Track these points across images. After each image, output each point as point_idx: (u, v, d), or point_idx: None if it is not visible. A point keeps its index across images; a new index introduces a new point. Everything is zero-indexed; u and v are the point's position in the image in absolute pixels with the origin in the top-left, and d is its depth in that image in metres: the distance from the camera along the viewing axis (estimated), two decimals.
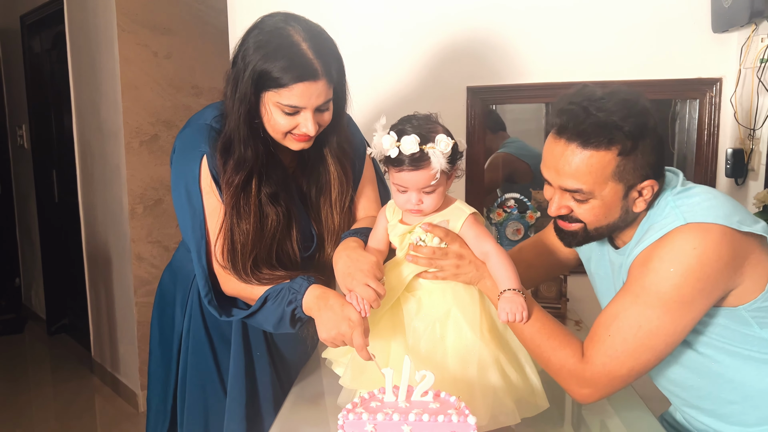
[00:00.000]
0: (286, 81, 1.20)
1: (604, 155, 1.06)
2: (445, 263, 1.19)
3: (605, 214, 1.12)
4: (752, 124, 1.95)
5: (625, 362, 1.08)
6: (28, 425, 3.16)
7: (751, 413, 1.15)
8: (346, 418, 0.95)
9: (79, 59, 3.40)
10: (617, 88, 1.10)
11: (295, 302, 1.25)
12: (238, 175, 1.28)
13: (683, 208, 1.08)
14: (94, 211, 3.49)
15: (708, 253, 1.03)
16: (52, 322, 4.28)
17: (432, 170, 1.14)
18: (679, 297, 1.05)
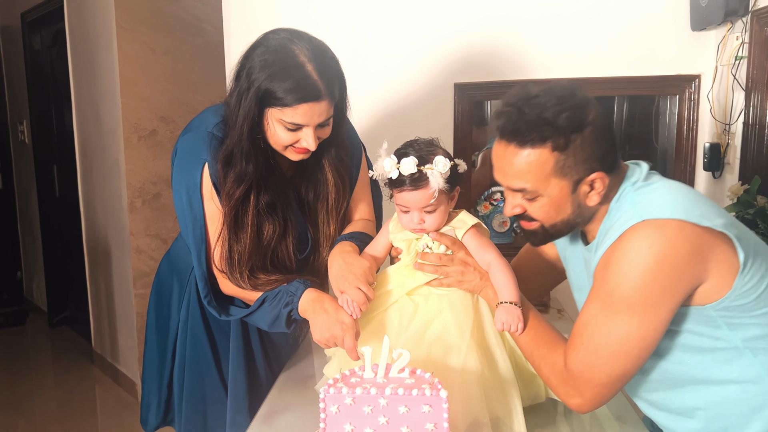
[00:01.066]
0: (290, 101, 1.24)
1: (541, 153, 1.06)
2: (450, 270, 1.23)
3: (556, 211, 1.11)
4: (728, 120, 2.02)
5: (602, 369, 1.08)
6: (30, 415, 3.23)
7: (714, 422, 1.13)
8: (327, 392, 1.02)
9: (78, 56, 3.46)
10: (555, 84, 1.08)
11: (292, 304, 1.31)
12: (239, 188, 1.31)
13: (640, 205, 1.06)
14: (93, 206, 3.56)
15: (665, 249, 1.00)
16: (53, 315, 4.35)
17: (430, 189, 1.19)
18: (642, 299, 1.02)
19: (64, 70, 3.60)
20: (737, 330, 1.07)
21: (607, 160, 1.09)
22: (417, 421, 1.01)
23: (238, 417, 1.48)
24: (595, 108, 1.07)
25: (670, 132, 2.26)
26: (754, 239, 1.10)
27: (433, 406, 1.00)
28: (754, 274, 1.05)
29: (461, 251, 1.24)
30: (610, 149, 1.09)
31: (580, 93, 1.07)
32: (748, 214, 1.78)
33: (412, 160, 1.19)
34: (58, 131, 4.03)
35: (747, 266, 1.04)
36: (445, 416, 1.00)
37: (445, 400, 1.00)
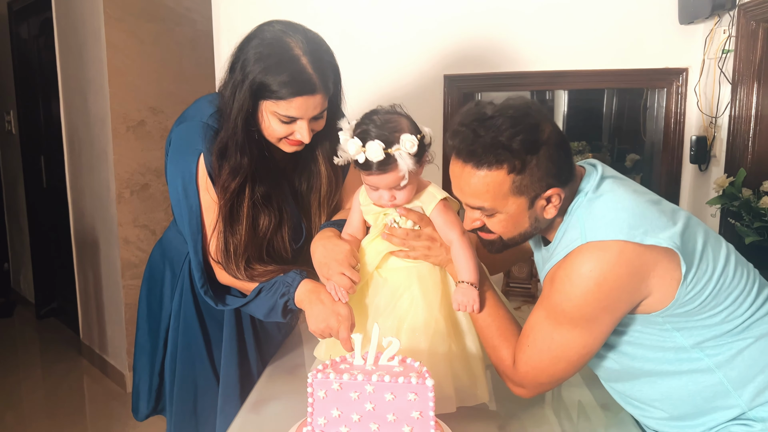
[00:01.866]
0: (285, 95, 1.24)
1: (497, 174, 1.07)
2: (417, 244, 1.25)
3: (514, 225, 1.14)
4: (714, 113, 2.04)
5: (544, 370, 1.14)
6: (18, 406, 3.22)
7: (672, 410, 1.17)
8: (315, 377, 1.03)
9: (66, 46, 3.43)
10: (507, 104, 1.09)
11: (288, 295, 1.32)
12: (234, 181, 1.32)
13: (588, 223, 1.08)
14: (81, 196, 3.54)
15: (604, 273, 1.03)
16: (41, 306, 4.33)
17: (400, 172, 1.18)
18: (582, 316, 1.07)
19: (51, 59, 3.57)
20: (684, 332, 1.11)
21: (563, 175, 1.10)
22: (403, 408, 1.02)
23: (227, 406, 1.48)
24: (549, 126, 1.08)
25: (657, 125, 2.28)
26: (703, 241, 1.11)
27: (418, 395, 1.01)
28: (696, 282, 1.07)
29: (428, 227, 1.25)
30: (565, 164, 1.10)
31: (534, 113, 1.08)
32: (734, 206, 1.80)
33: (378, 145, 1.15)
34: (45, 121, 4.00)
35: (689, 277, 1.06)
36: (430, 405, 1.01)
37: (431, 389, 1.01)
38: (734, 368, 1.11)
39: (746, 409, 1.12)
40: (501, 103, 1.10)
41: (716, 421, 1.14)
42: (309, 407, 1.04)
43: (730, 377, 1.11)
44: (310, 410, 1.05)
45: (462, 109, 1.12)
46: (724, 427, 1.14)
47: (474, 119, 1.08)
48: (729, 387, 1.12)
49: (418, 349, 1.19)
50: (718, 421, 1.14)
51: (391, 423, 1.03)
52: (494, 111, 1.08)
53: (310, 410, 1.05)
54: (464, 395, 1.22)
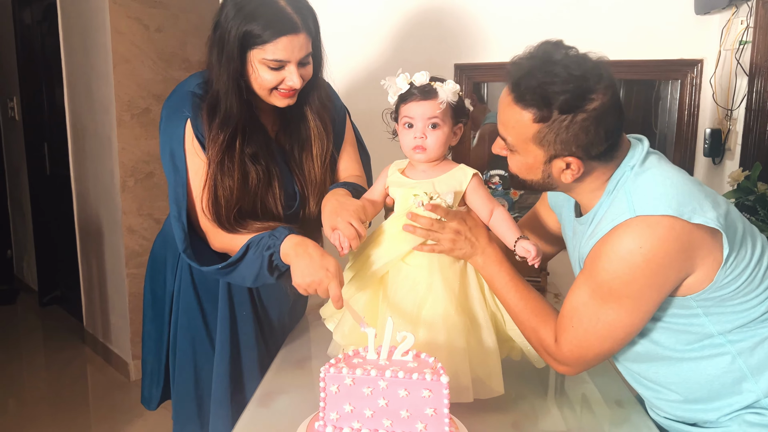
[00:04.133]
0: (269, 36, 1.27)
1: (528, 117, 1.07)
2: (441, 236, 1.22)
3: (526, 171, 1.15)
4: (730, 105, 2.01)
5: (589, 349, 1.13)
6: (20, 394, 3.22)
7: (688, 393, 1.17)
8: (327, 371, 1.01)
9: (70, 32, 3.40)
10: (579, 58, 1.07)
11: (273, 248, 1.29)
12: (223, 132, 1.34)
13: (635, 196, 1.07)
14: (85, 184, 3.52)
15: (654, 250, 1.03)
16: (44, 294, 4.32)
17: (438, 101, 1.21)
18: (629, 293, 1.06)
19: (55, 45, 3.53)
20: (713, 317, 1.11)
21: (591, 150, 1.09)
22: (417, 405, 1.00)
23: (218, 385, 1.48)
24: (603, 99, 1.05)
25: (670, 117, 2.25)
26: (742, 227, 1.12)
27: (433, 391, 0.99)
28: (735, 267, 1.08)
29: (454, 221, 1.23)
30: (599, 141, 1.08)
31: (593, 79, 1.05)
32: (749, 201, 1.77)
33: (426, 74, 1.24)
34: (48, 108, 3.97)
35: (730, 260, 1.07)
36: (445, 402, 0.99)
37: (446, 386, 0.99)
38: (755, 355, 1.12)
39: (761, 396, 1.12)
40: (577, 53, 1.08)
41: (731, 407, 1.15)
42: (321, 402, 1.02)
43: (750, 364, 1.12)
44: (322, 405, 1.02)
45: (541, 41, 1.11)
46: (737, 415, 1.15)
47: (539, 58, 1.07)
48: (747, 373, 1.12)
49: (435, 342, 1.17)
50: (733, 408, 1.14)
51: (405, 419, 1.00)
52: (562, 58, 1.06)
53: (322, 405, 1.02)
54: (480, 388, 1.21)
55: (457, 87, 1.24)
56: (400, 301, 1.23)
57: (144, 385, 1.65)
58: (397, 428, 1.01)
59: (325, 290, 1.22)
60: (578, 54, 1.08)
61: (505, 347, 1.29)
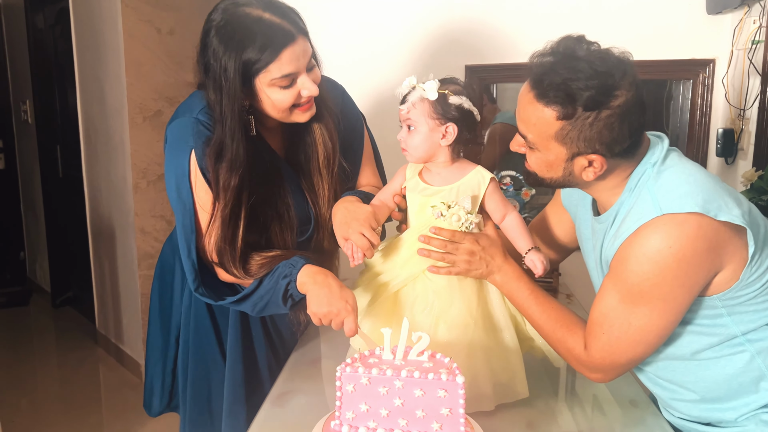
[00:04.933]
0: (270, 56, 1.20)
1: (550, 114, 1.05)
2: (456, 258, 1.22)
3: (547, 169, 1.13)
4: (742, 105, 2.00)
5: (622, 354, 1.11)
6: (33, 394, 3.24)
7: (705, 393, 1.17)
8: (343, 371, 1.02)
9: (82, 35, 3.42)
10: (604, 54, 1.05)
11: (290, 276, 1.27)
12: (232, 176, 1.27)
13: (660, 193, 1.05)
14: (98, 186, 3.54)
15: (684, 249, 1.01)
16: (56, 295, 4.36)
17: (408, 102, 1.22)
18: (660, 294, 1.05)
19: (67, 49, 3.56)
20: (736, 317, 1.10)
21: (616, 147, 1.07)
22: (432, 405, 1.00)
23: (235, 407, 1.47)
24: (627, 96, 1.04)
25: (682, 117, 2.24)
26: (765, 224, 1.11)
27: (448, 391, 0.99)
28: (760, 265, 1.07)
29: (465, 241, 1.22)
30: (623, 139, 1.06)
31: (618, 75, 1.03)
32: (762, 201, 1.76)
33: (412, 78, 1.24)
34: (61, 111, 4.00)
35: (755, 258, 1.06)
36: (461, 402, 0.99)
37: (462, 386, 0.99)
38: None
39: None
40: (599, 48, 1.06)
41: (748, 406, 1.14)
42: (337, 401, 1.03)
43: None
44: (339, 404, 1.03)
45: (562, 36, 1.09)
46: (755, 414, 1.14)
47: (562, 53, 1.05)
48: (766, 372, 1.12)
49: (454, 347, 1.17)
50: (750, 407, 1.14)
51: (420, 419, 1.01)
52: (585, 54, 1.04)
53: (338, 404, 1.03)
54: (503, 392, 1.21)
55: (433, 86, 1.20)
56: (417, 312, 1.23)
57: (146, 393, 1.62)
58: (412, 428, 1.01)
59: (340, 323, 1.20)
60: (601, 49, 1.06)
61: (525, 345, 1.29)
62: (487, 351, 1.19)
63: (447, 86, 1.23)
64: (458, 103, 1.22)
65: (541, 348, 1.28)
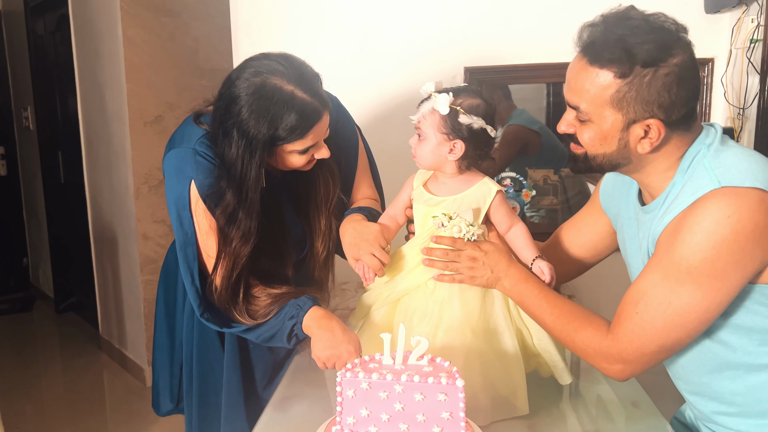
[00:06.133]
0: (300, 134, 1.24)
1: (606, 75, 1.01)
2: (459, 266, 1.21)
3: (601, 143, 1.06)
4: (742, 104, 2.00)
5: (653, 339, 1.03)
6: (38, 400, 3.25)
7: (753, 405, 1.09)
8: (344, 376, 1.02)
9: (82, 41, 3.44)
10: (659, 16, 1.02)
11: (296, 318, 1.30)
12: (245, 247, 1.29)
13: (718, 170, 0.99)
14: (99, 192, 3.55)
15: (743, 221, 0.94)
16: (60, 301, 4.37)
17: (420, 111, 1.22)
18: (711, 271, 0.97)
19: (68, 55, 3.57)
20: None
21: (673, 113, 1.01)
22: (433, 409, 1.00)
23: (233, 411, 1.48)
24: (684, 56, 1.00)
25: None
26: None
27: (449, 395, 0.99)
28: None
29: (467, 247, 1.22)
30: (681, 103, 1.01)
31: (677, 33, 1.00)
32: None
33: (431, 84, 1.22)
34: (62, 117, 4.01)
35: None
36: (461, 405, 0.99)
37: (462, 390, 0.99)
38: None
39: None
40: (653, 12, 1.02)
41: None
42: (338, 406, 1.03)
43: None
44: (339, 409, 1.03)
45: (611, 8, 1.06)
46: None
47: (615, 16, 1.03)
48: None
49: (451, 356, 1.15)
50: None
51: (421, 423, 1.01)
52: (638, 14, 1.01)
53: (339, 409, 1.03)
54: (502, 406, 1.19)
55: (444, 101, 1.18)
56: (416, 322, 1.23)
57: (154, 394, 1.63)
58: None
59: (342, 366, 1.21)
60: (652, 12, 1.03)
61: (533, 362, 1.27)
62: (486, 363, 1.18)
63: (461, 99, 1.20)
64: (468, 123, 1.20)
65: (548, 365, 1.25)
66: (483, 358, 1.18)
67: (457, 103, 1.20)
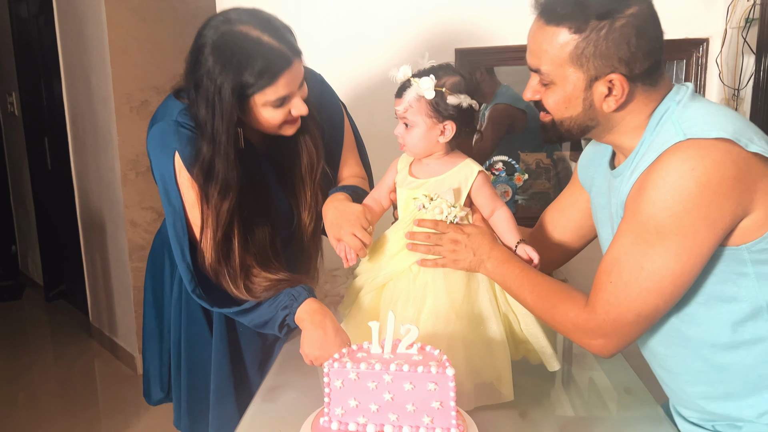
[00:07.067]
0: (268, 81, 1.20)
1: (562, 33, 0.99)
2: (441, 249, 1.19)
3: (566, 105, 1.04)
4: (737, 84, 1.97)
5: (630, 308, 0.99)
6: (29, 389, 3.23)
7: (717, 386, 1.05)
8: (331, 366, 1.00)
9: (66, 24, 3.36)
10: None
11: (290, 309, 1.28)
12: (224, 201, 1.27)
13: (685, 124, 0.95)
14: (87, 178, 3.50)
15: (709, 173, 0.90)
16: (49, 289, 4.33)
17: (405, 100, 1.18)
18: (679, 228, 0.93)
19: (51, 39, 3.50)
20: (764, 281, 0.98)
21: (635, 66, 0.98)
22: (422, 399, 0.98)
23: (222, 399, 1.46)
24: (642, 5, 0.98)
25: None
26: None
27: (439, 384, 0.98)
28: None
29: (449, 230, 1.20)
30: (642, 55, 0.98)
31: None
32: None
33: (405, 69, 1.19)
34: (47, 102, 3.95)
35: None
36: (451, 395, 0.97)
37: (452, 379, 0.97)
38: None
39: None
40: None
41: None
42: (326, 397, 1.01)
43: None
44: (327, 400, 1.01)
45: None
46: None
47: None
48: None
49: (433, 340, 1.14)
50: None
51: (411, 413, 0.99)
52: None
53: (327, 400, 1.01)
54: (486, 392, 1.17)
55: (429, 84, 1.16)
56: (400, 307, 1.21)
57: (145, 383, 1.63)
58: (403, 422, 1.00)
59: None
60: None
61: (521, 349, 1.25)
62: (469, 348, 1.16)
63: (443, 79, 1.18)
64: (456, 103, 1.18)
65: (537, 353, 1.23)
66: (467, 343, 1.16)
67: (439, 84, 1.17)
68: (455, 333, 1.16)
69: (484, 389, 1.17)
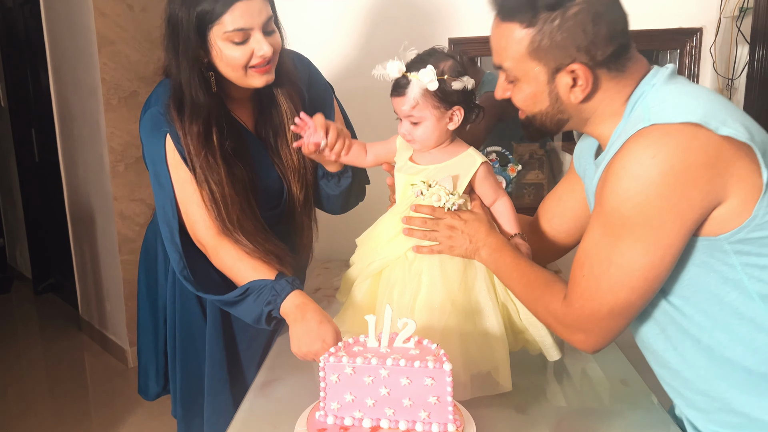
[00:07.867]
0: (223, 6, 1.20)
1: (517, 29, 0.97)
2: (437, 235, 1.18)
3: (533, 100, 1.02)
4: (730, 74, 1.97)
5: (603, 302, 0.95)
6: (19, 383, 3.20)
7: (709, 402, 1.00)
8: (327, 360, 0.98)
9: (52, 14, 3.31)
10: None
11: (273, 304, 1.27)
12: (195, 123, 1.28)
13: (655, 108, 0.91)
14: (75, 170, 3.46)
15: (671, 161, 0.85)
16: (38, 282, 4.29)
17: (409, 97, 1.15)
18: (644, 220, 0.88)
19: (38, 28, 3.45)
20: (751, 271, 0.92)
21: (596, 53, 0.95)
22: (419, 393, 0.97)
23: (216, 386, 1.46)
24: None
25: None
26: None
27: (436, 379, 0.96)
28: None
29: (446, 216, 1.19)
30: (602, 41, 0.95)
31: None
32: None
33: (397, 65, 1.15)
34: (34, 93, 3.89)
35: None
36: (448, 390, 0.96)
37: (449, 374, 0.96)
38: None
39: None
40: None
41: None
42: (321, 392, 1.00)
43: None
44: (323, 395, 1.00)
45: None
46: None
47: None
48: None
49: (428, 330, 1.13)
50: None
51: (407, 408, 0.98)
52: None
53: (322, 395, 1.00)
54: (483, 383, 1.16)
55: (431, 75, 1.12)
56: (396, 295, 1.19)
57: (140, 377, 1.62)
58: (399, 417, 0.98)
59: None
60: None
61: (520, 339, 1.23)
62: (465, 338, 1.14)
63: (440, 66, 1.15)
64: (461, 87, 1.16)
65: (537, 343, 1.21)
66: (463, 332, 1.15)
67: (439, 72, 1.15)
68: (451, 322, 1.14)
69: (481, 379, 1.16)
